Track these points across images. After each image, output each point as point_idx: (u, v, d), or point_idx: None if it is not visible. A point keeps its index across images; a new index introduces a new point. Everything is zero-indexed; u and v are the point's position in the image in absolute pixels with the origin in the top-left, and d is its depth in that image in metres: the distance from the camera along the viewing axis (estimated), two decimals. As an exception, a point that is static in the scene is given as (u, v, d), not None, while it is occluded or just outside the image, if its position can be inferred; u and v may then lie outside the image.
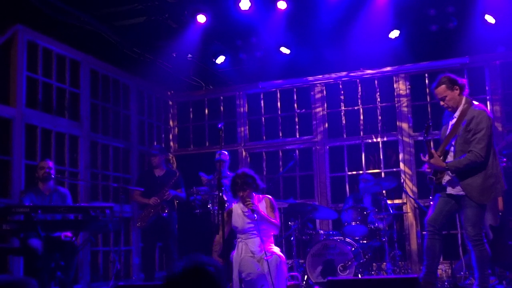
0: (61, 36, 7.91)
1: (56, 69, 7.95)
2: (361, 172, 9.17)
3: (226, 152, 8.10)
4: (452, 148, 5.48)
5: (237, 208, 5.77)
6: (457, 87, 5.49)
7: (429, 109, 8.98)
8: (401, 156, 9.05)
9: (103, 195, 8.63)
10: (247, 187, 5.63)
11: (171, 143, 10.44)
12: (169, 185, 7.87)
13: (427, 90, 8.98)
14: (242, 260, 5.52)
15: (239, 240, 5.74)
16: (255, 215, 5.52)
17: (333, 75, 9.54)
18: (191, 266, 2.25)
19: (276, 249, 5.68)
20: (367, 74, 9.40)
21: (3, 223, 5.50)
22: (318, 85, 9.62)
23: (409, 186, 8.88)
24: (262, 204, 5.76)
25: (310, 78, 9.62)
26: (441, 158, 5.45)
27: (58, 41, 7.91)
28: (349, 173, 9.32)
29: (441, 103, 5.57)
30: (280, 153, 9.74)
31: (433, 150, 5.44)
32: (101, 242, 8.53)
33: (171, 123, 10.49)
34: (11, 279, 2.36)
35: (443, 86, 5.50)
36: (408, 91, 9.14)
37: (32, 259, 6.12)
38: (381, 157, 9.21)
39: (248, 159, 9.85)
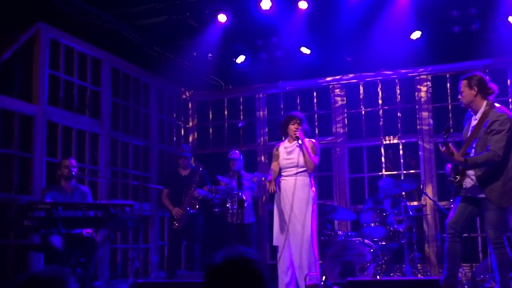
0: (83, 34, 7.95)
1: (78, 67, 7.97)
2: (380, 173, 9.17)
3: (238, 151, 8.17)
4: (473, 151, 5.45)
5: (282, 146, 6.41)
6: (475, 89, 5.45)
7: (450, 111, 8.91)
8: (421, 158, 9.00)
9: (123, 193, 8.65)
10: (299, 122, 6.29)
11: (190, 143, 10.46)
12: (195, 183, 7.95)
13: (449, 91, 8.92)
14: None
15: (280, 180, 6.31)
16: (299, 142, 6.15)
17: (354, 76, 9.53)
18: (234, 256, 2.19)
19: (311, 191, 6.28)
20: (387, 75, 9.37)
21: (24, 219, 5.58)
22: (338, 85, 9.61)
23: (429, 188, 8.85)
24: (307, 143, 6.32)
25: (330, 78, 9.61)
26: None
27: (80, 40, 7.96)
28: (369, 174, 9.30)
29: (459, 96, 5.59)
30: (299, 154, 9.70)
31: (454, 149, 5.37)
32: (120, 239, 8.56)
33: (190, 122, 10.51)
34: (49, 271, 2.38)
35: (465, 81, 5.53)
36: (429, 92, 9.09)
37: (53, 256, 6.16)
38: (401, 158, 9.18)
39: (267, 159, 9.85)
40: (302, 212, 6.14)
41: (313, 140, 6.43)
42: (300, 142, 6.22)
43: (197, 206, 7.92)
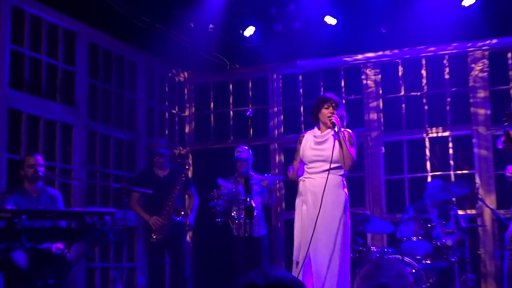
0: (54, 1, 7.95)
1: (47, 41, 7.98)
2: (424, 174, 9.18)
3: (246, 148, 8.09)
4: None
5: (309, 135, 6.38)
6: None
7: (512, 96, 8.97)
8: (476, 154, 9.01)
9: (102, 199, 8.67)
10: (335, 106, 6.28)
11: (187, 135, 10.52)
12: (179, 184, 7.91)
13: (511, 72, 8.97)
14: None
15: (303, 179, 6.26)
16: (336, 129, 6.08)
17: (391, 52, 9.54)
18: (279, 279, 2.30)
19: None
20: (433, 51, 9.37)
21: (-21, 230, 5.56)
22: (371, 64, 9.62)
23: (485, 192, 8.81)
24: (344, 133, 6.25)
25: (361, 56, 9.65)
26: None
27: (50, 8, 7.96)
28: (410, 175, 9.30)
29: None
30: (323, 150, 9.70)
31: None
32: (99, 256, 8.56)
33: (187, 110, 10.57)
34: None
35: None
36: (486, 72, 9.08)
37: (15, 277, 6.14)
38: (451, 154, 9.17)
39: (283, 156, 9.83)
40: (333, 221, 6.06)
41: (349, 131, 6.39)
42: (336, 129, 6.12)
43: (183, 213, 7.86)
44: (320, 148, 6.23)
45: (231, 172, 8.43)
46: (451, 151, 9.21)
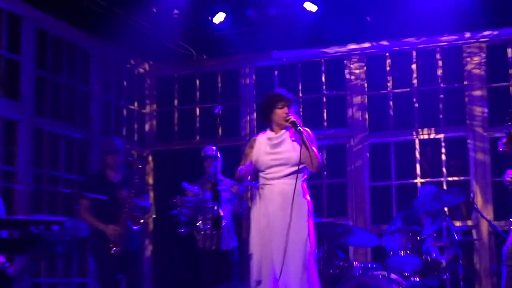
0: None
1: (-13, 26, 7.96)
2: (414, 181, 9.21)
3: (214, 148, 8.11)
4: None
5: (262, 138, 6.30)
6: None
7: (512, 94, 9.01)
8: (471, 158, 9.06)
9: (50, 205, 8.59)
10: (289, 104, 6.21)
11: (147, 135, 10.48)
12: (133, 189, 7.79)
13: (510, 67, 9.02)
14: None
15: (260, 187, 6.20)
16: (299, 128, 6.00)
17: (378, 44, 9.58)
18: None
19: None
20: (425, 42, 9.42)
21: None
22: (355, 57, 9.66)
23: (482, 202, 8.85)
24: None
25: (344, 47, 9.70)
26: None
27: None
28: (398, 182, 9.35)
29: None
30: (301, 152, 9.70)
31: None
32: (46, 271, 8.46)
33: (147, 106, 10.54)
34: None
35: None
36: (483, 67, 9.13)
37: None
38: (443, 159, 9.22)
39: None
40: (300, 233, 6.01)
41: (307, 129, 6.30)
42: (300, 128, 6.06)
43: (142, 221, 7.78)
44: (277, 152, 6.19)
45: (197, 177, 8.36)
46: (443, 155, 9.25)
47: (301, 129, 6.03)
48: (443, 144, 9.24)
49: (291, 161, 6.05)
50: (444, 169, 9.24)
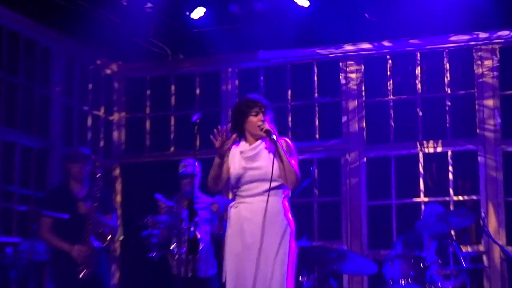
0: None
1: None
2: (417, 200, 9.22)
3: (192, 161, 8.07)
4: None
5: (235, 150, 6.22)
6: None
7: (528, 103, 9.04)
8: (481, 176, 9.05)
9: (3, 225, 8.51)
10: (264, 111, 6.15)
11: (115, 145, 10.45)
12: (95, 202, 7.75)
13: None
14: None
15: (235, 206, 6.13)
16: (274, 136, 5.93)
17: (377, 45, 9.60)
18: None
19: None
20: (431, 42, 9.44)
21: None
22: (352, 59, 9.66)
23: (494, 224, 8.85)
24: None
25: (340, 48, 9.71)
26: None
27: None
28: (399, 201, 9.37)
29: None
30: (289, 166, 9.68)
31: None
32: (-3, 299, 8.42)
33: (116, 113, 10.51)
34: None
35: None
36: (495, 72, 9.14)
37: None
38: (450, 176, 9.19)
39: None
40: (280, 258, 5.93)
41: (287, 139, 6.25)
42: (274, 137, 5.95)
43: (109, 237, 7.70)
44: (253, 167, 6.11)
45: (172, 193, 8.39)
46: (450, 171, 9.24)
47: (275, 139, 5.93)
48: (450, 158, 9.24)
49: (268, 176, 5.98)
50: (451, 187, 9.22)
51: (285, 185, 6.04)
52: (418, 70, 9.47)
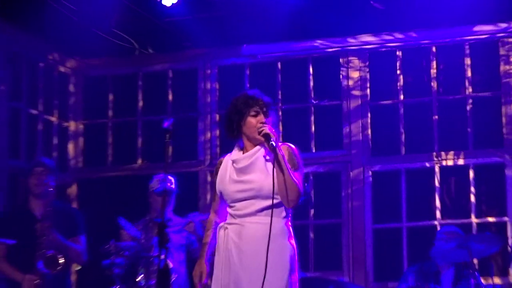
0: None
1: None
2: (434, 222, 9.25)
3: (173, 179, 8.16)
4: None
5: (228, 159, 6.07)
6: None
7: None
8: (509, 193, 9.11)
9: None
10: (266, 110, 5.95)
11: (71, 157, 10.44)
12: (47, 222, 7.70)
13: None
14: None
15: (224, 227, 5.94)
16: (273, 142, 5.70)
17: (386, 37, 9.65)
18: None
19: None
20: (447, 35, 9.51)
21: None
22: (353, 53, 9.74)
23: (524, 252, 8.85)
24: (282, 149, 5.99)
25: (340, 41, 9.80)
26: None
27: None
28: (410, 223, 9.39)
29: None
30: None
31: None
32: None
33: (72, 120, 10.49)
34: None
35: None
36: (525, 70, 9.08)
37: None
38: (472, 194, 9.14)
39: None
40: None
41: (291, 145, 6.03)
42: (273, 143, 5.75)
43: (62, 261, 7.60)
44: (245, 180, 5.92)
45: (139, 215, 8.45)
46: (472, 188, 9.26)
47: (274, 145, 5.70)
48: (472, 172, 9.24)
49: (264, 192, 5.81)
50: (473, 207, 9.23)
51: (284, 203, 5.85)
52: (433, 67, 9.49)
